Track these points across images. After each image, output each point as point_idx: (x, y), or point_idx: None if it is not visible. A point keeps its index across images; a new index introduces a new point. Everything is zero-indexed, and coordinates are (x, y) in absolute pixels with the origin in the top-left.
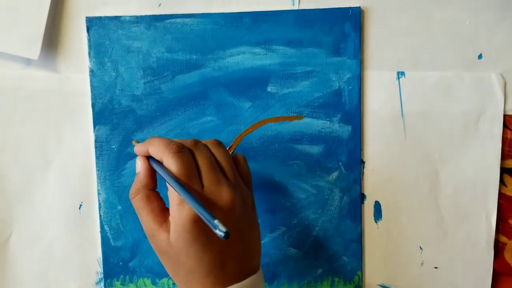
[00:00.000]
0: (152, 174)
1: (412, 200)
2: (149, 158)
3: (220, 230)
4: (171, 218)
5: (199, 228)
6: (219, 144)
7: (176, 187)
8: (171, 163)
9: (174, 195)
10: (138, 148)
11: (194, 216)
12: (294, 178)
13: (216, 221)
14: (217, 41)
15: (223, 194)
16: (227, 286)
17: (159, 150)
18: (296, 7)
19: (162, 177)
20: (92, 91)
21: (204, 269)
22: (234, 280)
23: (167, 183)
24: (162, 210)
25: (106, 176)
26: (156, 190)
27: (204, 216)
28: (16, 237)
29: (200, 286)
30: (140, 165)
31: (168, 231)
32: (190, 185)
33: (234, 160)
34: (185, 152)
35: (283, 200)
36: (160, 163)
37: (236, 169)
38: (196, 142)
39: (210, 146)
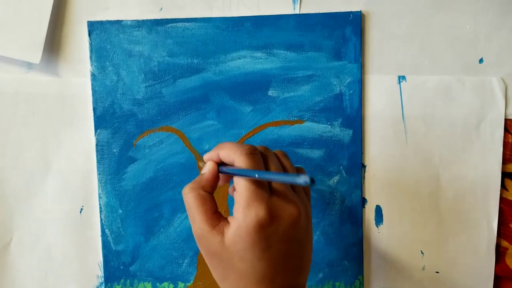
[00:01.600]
0: (216, 180)
1: (413, 204)
2: (219, 165)
3: (304, 181)
4: (234, 219)
5: (261, 233)
6: (286, 155)
7: (253, 173)
8: (243, 163)
9: (241, 197)
10: (208, 155)
11: (258, 221)
12: None
13: (300, 175)
14: (218, 45)
15: (291, 203)
16: None
17: (231, 152)
18: (297, 12)
19: (232, 179)
20: (93, 95)
21: (256, 276)
22: None
23: (232, 189)
24: (215, 213)
25: (107, 180)
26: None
27: (288, 176)
28: (16, 241)
29: None
30: (208, 167)
31: (221, 233)
32: (260, 188)
33: (297, 172)
34: (257, 154)
35: None
36: (226, 165)
37: None
38: (267, 149)
39: (279, 155)
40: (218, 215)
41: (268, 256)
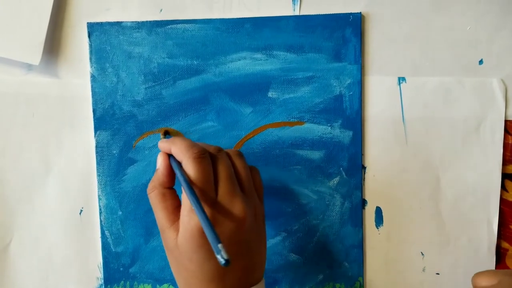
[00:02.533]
0: (171, 173)
1: (414, 206)
2: (170, 156)
3: (221, 257)
4: (180, 222)
5: (206, 237)
6: (241, 155)
7: (189, 196)
8: (190, 167)
9: (187, 201)
10: (162, 145)
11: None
12: (295, 183)
13: (220, 245)
14: (218, 46)
15: (236, 206)
16: None
17: (181, 152)
18: (296, 13)
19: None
20: (93, 97)
21: (205, 276)
22: None
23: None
24: (176, 208)
25: (107, 182)
26: (174, 187)
27: (210, 235)
28: (16, 242)
29: None
30: (160, 162)
31: (177, 230)
32: (204, 193)
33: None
34: (205, 158)
35: (284, 205)
36: (180, 164)
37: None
38: (219, 150)
39: (232, 155)
40: (178, 211)
41: (214, 258)
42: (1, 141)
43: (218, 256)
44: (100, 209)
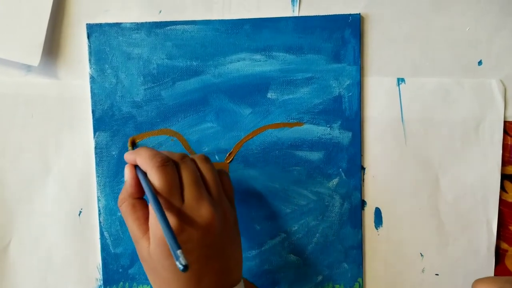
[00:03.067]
0: (138, 183)
1: (413, 207)
2: (136, 167)
3: (180, 262)
4: (150, 229)
5: None
6: (206, 159)
7: (153, 204)
8: (154, 176)
9: (153, 209)
10: (128, 156)
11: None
12: (294, 184)
13: (179, 252)
14: (217, 47)
15: (203, 210)
16: None
17: (145, 162)
18: (296, 14)
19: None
20: (92, 98)
21: (180, 283)
22: None
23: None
24: (147, 219)
25: (106, 183)
26: (144, 198)
27: (169, 242)
28: (15, 243)
29: None
30: (127, 174)
31: (149, 240)
32: (170, 200)
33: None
34: (169, 166)
35: (283, 206)
36: (145, 174)
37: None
38: (184, 156)
39: (197, 161)
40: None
41: (188, 261)
42: (0, 142)
43: (177, 262)
44: (99, 210)
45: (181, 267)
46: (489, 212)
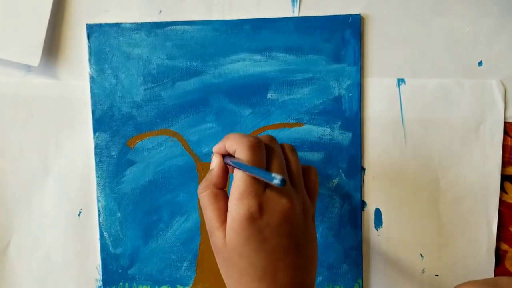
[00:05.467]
0: (225, 174)
1: (413, 207)
2: (224, 157)
3: (275, 178)
4: (228, 213)
5: (254, 226)
6: (294, 150)
7: (245, 167)
8: (245, 154)
9: (237, 190)
10: (217, 146)
11: (251, 213)
12: None
13: (273, 174)
14: (217, 48)
15: (284, 199)
16: None
17: (235, 142)
18: (296, 14)
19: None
20: (92, 98)
21: (256, 272)
22: None
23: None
24: (226, 211)
25: (106, 183)
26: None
27: (260, 172)
28: (15, 244)
29: None
30: (215, 162)
31: (225, 230)
32: (255, 180)
33: (305, 171)
34: (261, 147)
35: None
36: (232, 156)
37: (304, 180)
38: (272, 139)
39: (285, 149)
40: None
41: (265, 249)
42: (0, 142)
43: (274, 181)
44: (99, 211)
45: (278, 181)
46: (489, 213)
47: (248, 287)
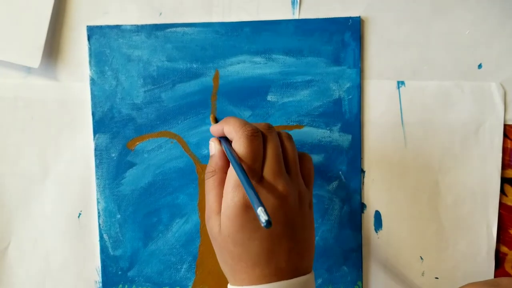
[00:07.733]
0: (225, 157)
1: (413, 210)
2: (220, 139)
3: (262, 217)
4: (223, 200)
5: (248, 215)
6: (290, 138)
7: (236, 167)
8: (241, 144)
9: (232, 178)
10: (214, 128)
11: (246, 202)
12: None
13: (259, 209)
14: (217, 50)
15: (280, 186)
16: (276, 281)
17: (234, 130)
18: (296, 17)
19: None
20: (92, 100)
21: (251, 258)
22: (283, 277)
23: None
24: None
25: (106, 185)
26: None
27: (252, 199)
28: (14, 246)
29: (246, 277)
30: (213, 147)
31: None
32: (252, 169)
33: (300, 157)
34: (258, 136)
35: None
36: (229, 143)
37: (299, 168)
38: (270, 127)
39: (282, 136)
40: None
41: (259, 237)
42: (0, 144)
43: (260, 218)
44: (98, 213)
45: (263, 221)
46: (489, 216)
47: (243, 273)
